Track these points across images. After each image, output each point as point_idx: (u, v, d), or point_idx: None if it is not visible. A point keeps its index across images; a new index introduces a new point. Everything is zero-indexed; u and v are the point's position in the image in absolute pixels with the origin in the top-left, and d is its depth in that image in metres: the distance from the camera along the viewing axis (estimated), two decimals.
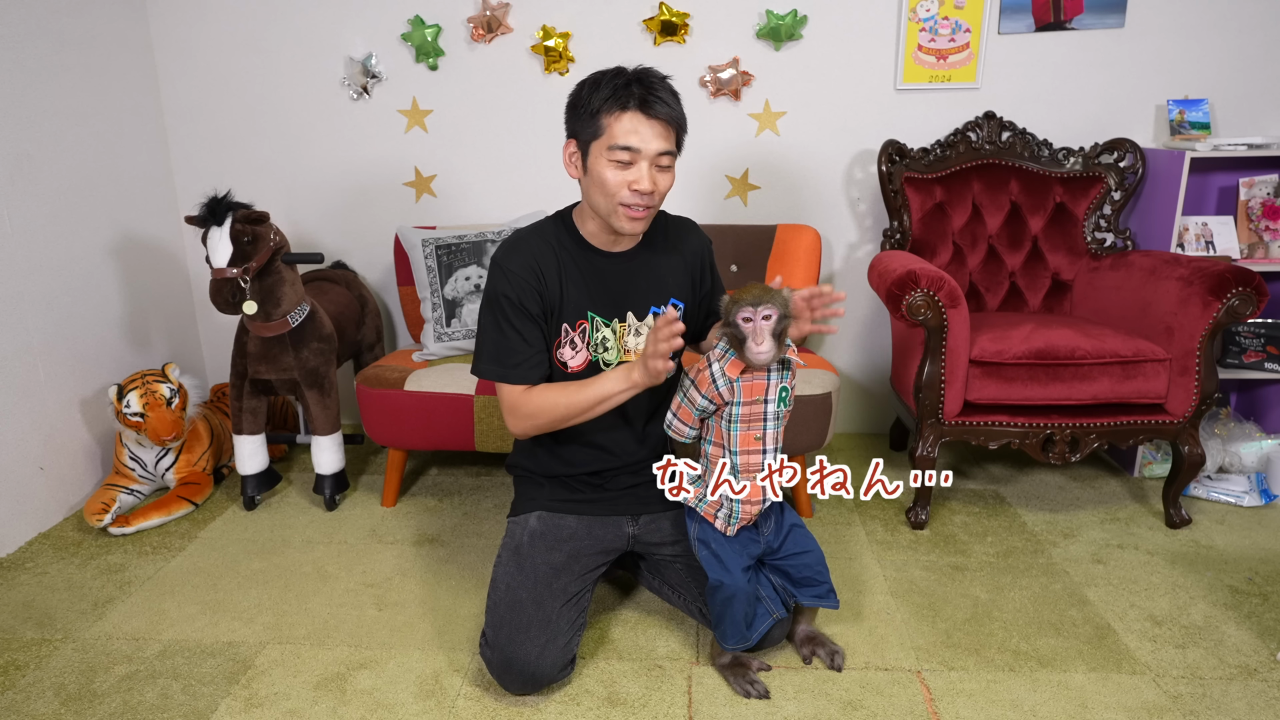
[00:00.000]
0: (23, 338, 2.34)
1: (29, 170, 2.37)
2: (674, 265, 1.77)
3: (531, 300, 1.65)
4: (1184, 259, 2.30)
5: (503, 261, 1.65)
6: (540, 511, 1.79)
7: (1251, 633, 1.84)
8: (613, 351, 1.72)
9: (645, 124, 1.53)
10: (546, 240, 1.69)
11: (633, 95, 1.52)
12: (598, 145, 1.56)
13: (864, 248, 2.92)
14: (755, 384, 1.55)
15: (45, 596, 2.07)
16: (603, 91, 1.54)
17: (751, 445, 1.58)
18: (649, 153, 1.54)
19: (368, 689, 1.71)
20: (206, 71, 2.89)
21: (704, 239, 1.83)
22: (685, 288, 1.78)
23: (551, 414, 1.66)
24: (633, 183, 1.55)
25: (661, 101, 1.54)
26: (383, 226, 2.99)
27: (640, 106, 1.53)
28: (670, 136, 1.57)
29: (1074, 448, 2.26)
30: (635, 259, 1.73)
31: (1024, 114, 2.73)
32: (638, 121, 1.53)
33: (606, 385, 1.63)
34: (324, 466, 2.47)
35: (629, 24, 2.77)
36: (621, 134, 1.53)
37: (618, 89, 1.53)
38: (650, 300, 1.73)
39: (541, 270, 1.66)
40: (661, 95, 1.54)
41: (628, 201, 1.57)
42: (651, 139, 1.54)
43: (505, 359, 1.66)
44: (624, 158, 1.54)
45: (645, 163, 1.55)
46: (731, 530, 1.64)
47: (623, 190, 1.56)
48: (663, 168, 1.58)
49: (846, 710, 1.62)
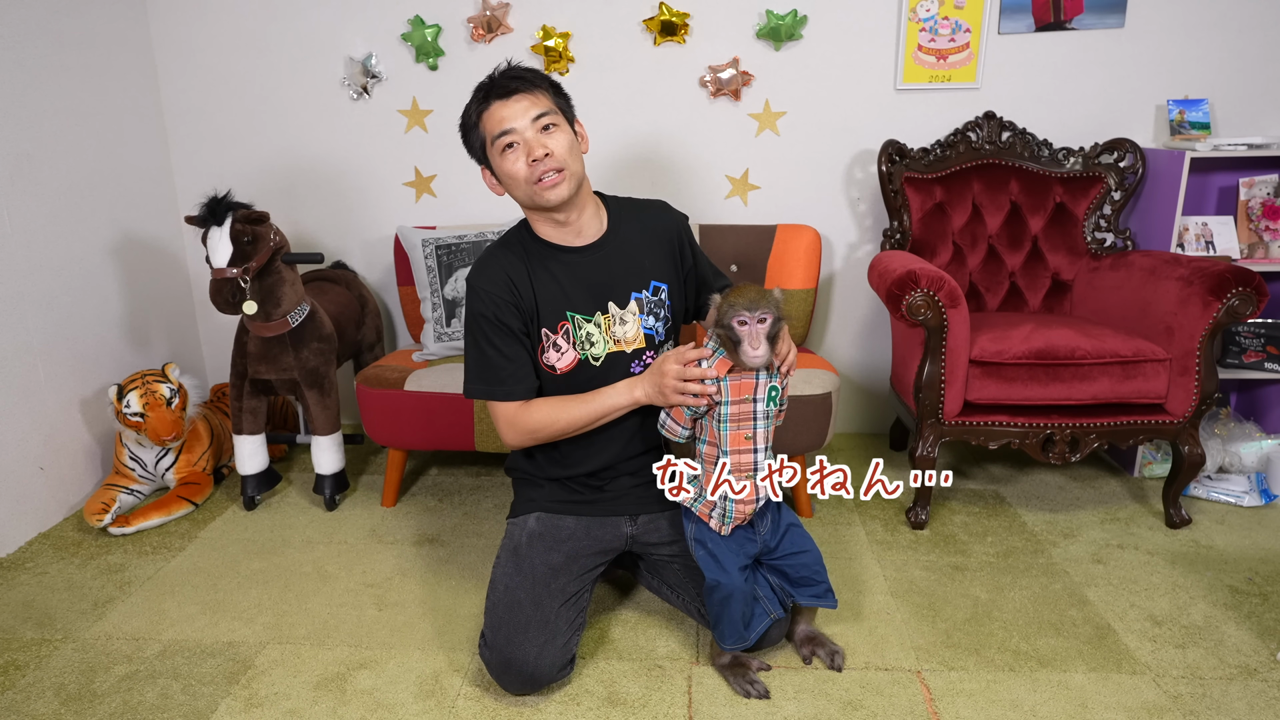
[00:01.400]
0: (23, 338, 2.34)
1: (29, 170, 2.37)
2: (650, 247, 1.76)
3: (509, 314, 1.66)
4: (1184, 259, 2.30)
5: (474, 281, 1.68)
6: (539, 513, 1.79)
7: (1251, 633, 1.84)
8: (599, 345, 1.72)
9: (506, 106, 1.60)
10: (513, 251, 1.70)
11: (488, 92, 1.62)
12: (490, 151, 1.64)
13: (864, 248, 2.92)
14: (743, 383, 1.56)
15: (45, 596, 2.07)
16: (469, 108, 1.65)
17: (742, 444, 1.59)
18: (525, 124, 1.59)
19: (368, 689, 1.71)
20: (206, 71, 2.89)
21: (676, 216, 1.83)
22: (665, 268, 1.77)
23: (552, 429, 1.69)
24: (528, 156, 1.60)
25: (511, 78, 1.61)
26: (383, 226, 2.99)
27: (497, 95, 1.60)
28: (540, 100, 1.61)
29: (1074, 448, 2.26)
30: (604, 248, 1.73)
31: (1024, 114, 2.73)
32: (500, 108, 1.60)
33: (608, 401, 1.66)
34: (324, 466, 2.48)
35: (629, 24, 2.77)
36: (494, 125, 1.61)
37: (476, 96, 1.64)
38: (630, 286, 1.73)
39: (513, 281, 1.67)
40: (511, 74, 1.62)
41: (534, 177, 1.61)
42: (520, 113, 1.59)
43: (490, 377, 1.68)
44: (508, 141, 1.60)
45: (529, 133, 1.59)
46: (726, 530, 1.64)
47: (525, 169, 1.61)
48: (548, 130, 1.61)
49: (846, 710, 1.62)
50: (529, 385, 1.70)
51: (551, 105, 1.63)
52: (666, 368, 1.58)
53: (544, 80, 1.65)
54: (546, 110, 1.61)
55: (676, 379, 1.56)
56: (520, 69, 1.63)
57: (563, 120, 1.64)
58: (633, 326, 1.73)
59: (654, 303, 1.74)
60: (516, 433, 1.71)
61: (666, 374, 1.58)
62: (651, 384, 1.63)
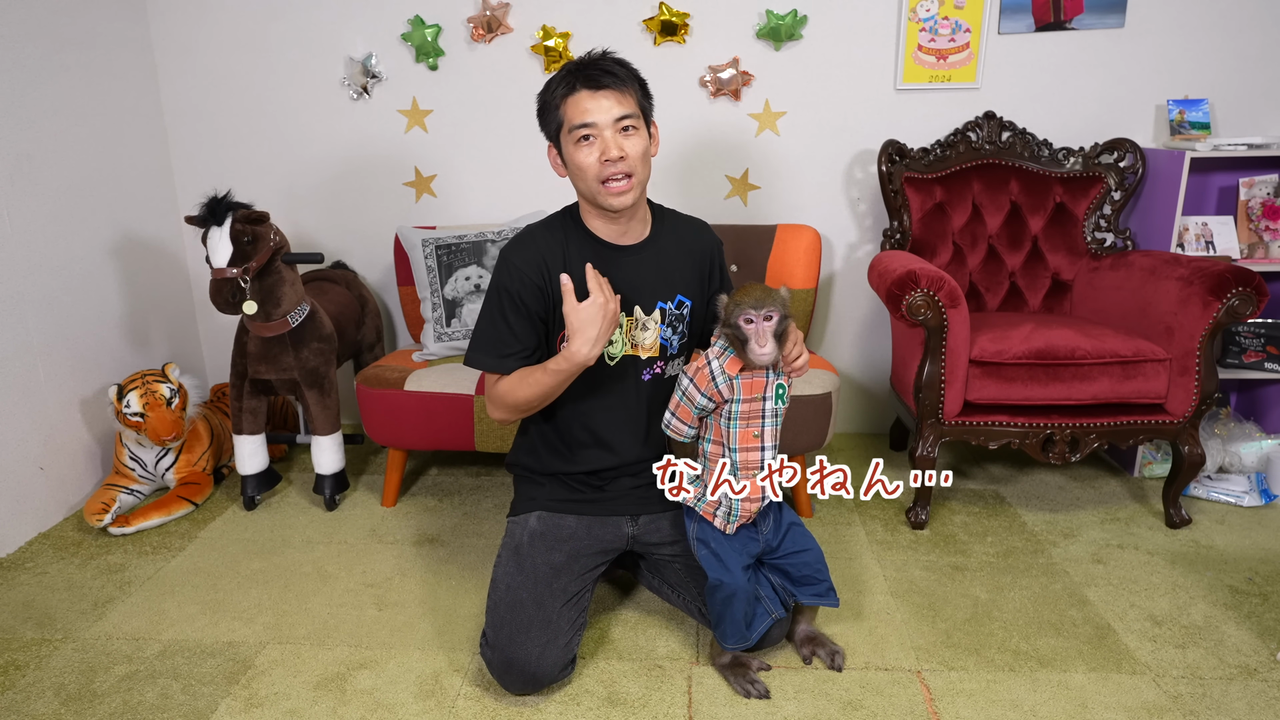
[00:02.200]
0: (23, 338, 2.34)
1: (29, 170, 2.37)
2: (683, 262, 1.77)
3: (532, 296, 1.66)
4: (1184, 259, 2.30)
5: (509, 254, 1.68)
6: (540, 511, 1.79)
7: (1251, 633, 1.84)
8: (618, 345, 1.73)
9: (593, 99, 1.58)
10: (555, 234, 1.70)
11: (577, 78, 1.59)
12: (564, 135, 1.63)
13: (864, 248, 2.92)
14: (755, 381, 1.57)
15: (45, 596, 2.07)
16: (554, 86, 1.63)
17: (750, 442, 1.59)
18: (606, 122, 1.58)
19: (368, 689, 1.71)
20: (206, 71, 2.89)
21: (715, 239, 1.84)
22: (694, 286, 1.78)
23: (518, 393, 1.67)
24: (602, 154, 1.59)
25: (605, 73, 1.59)
26: (383, 226, 2.99)
27: (585, 84, 1.59)
28: (626, 100, 1.60)
29: (1074, 448, 2.26)
30: (643, 252, 1.73)
31: (1024, 114, 2.73)
32: (586, 99, 1.58)
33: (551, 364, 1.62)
34: (324, 466, 2.47)
35: (629, 24, 2.77)
36: (576, 114, 1.59)
37: (564, 78, 1.61)
38: (658, 294, 1.73)
39: (547, 265, 1.67)
40: (604, 67, 1.60)
41: (605, 175, 1.60)
42: (605, 109, 1.58)
43: (493, 349, 1.69)
44: (586, 133, 1.59)
45: (608, 131, 1.59)
46: (731, 529, 1.64)
47: (596, 165, 1.60)
48: (627, 132, 1.60)
49: (846, 710, 1.62)
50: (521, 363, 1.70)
51: (636, 107, 1.62)
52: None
53: (634, 78, 1.63)
54: (631, 113, 1.60)
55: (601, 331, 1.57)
56: (614, 62, 1.61)
57: (643, 124, 1.64)
58: (652, 334, 1.74)
59: (675, 316, 1.76)
60: (493, 404, 1.73)
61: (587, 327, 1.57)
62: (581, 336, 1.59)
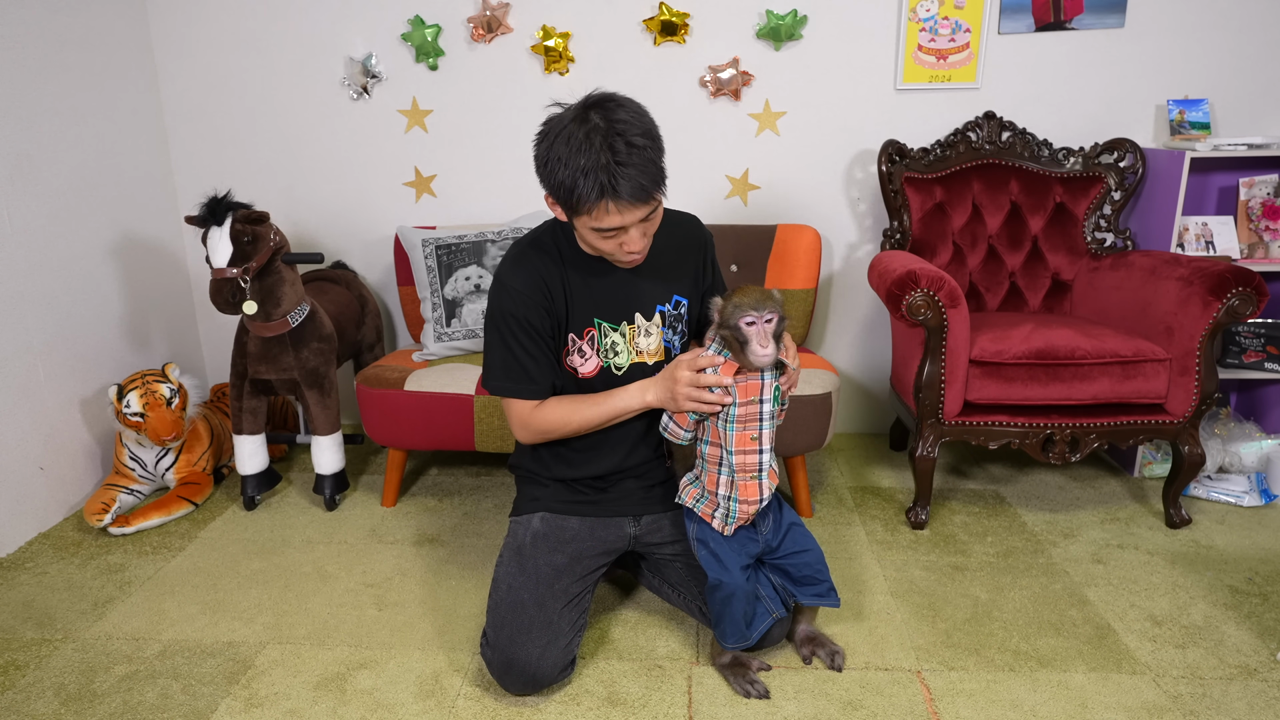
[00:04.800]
0: (23, 338, 2.34)
1: (29, 170, 2.37)
2: (676, 261, 1.77)
3: (538, 317, 1.65)
4: (1184, 259, 2.30)
5: (507, 279, 1.65)
6: (543, 513, 1.79)
7: (1251, 633, 1.84)
8: (623, 355, 1.73)
9: (627, 213, 1.48)
10: (547, 252, 1.68)
11: (607, 186, 1.43)
12: (580, 220, 1.51)
13: (864, 248, 2.92)
14: (750, 384, 1.56)
15: (45, 596, 2.07)
16: (576, 174, 1.44)
17: (748, 445, 1.59)
18: (633, 222, 1.50)
19: (368, 689, 1.71)
20: (206, 71, 2.89)
21: (706, 234, 1.83)
22: (688, 284, 1.78)
23: (564, 429, 1.69)
24: (623, 244, 1.54)
25: (637, 180, 1.44)
26: (383, 226, 2.99)
27: (614, 196, 1.44)
28: (653, 198, 1.49)
29: (1074, 448, 2.26)
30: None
31: (1024, 114, 2.73)
32: (618, 213, 1.47)
33: (620, 403, 1.66)
34: (324, 466, 2.47)
35: (629, 24, 2.77)
36: (604, 220, 1.48)
37: (590, 174, 1.43)
38: (656, 298, 1.73)
39: (547, 285, 1.65)
40: (636, 166, 1.43)
41: (620, 257, 1.58)
42: (634, 216, 1.49)
43: (514, 375, 1.67)
44: (611, 234, 1.51)
45: (634, 230, 1.52)
46: (729, 530, 1.64)
47: (614, 249, 1.56)
48: (648, 219, 1.54)
49: (846, 710, 1.62)
50: (547, 386, 1.70)
51: (659, 199, 1.52)
52: (679, 374, 1.58)
53: (658, 173, 1.48)
54: (655, 208, 1.53)
55: (689, 385, 1.57)
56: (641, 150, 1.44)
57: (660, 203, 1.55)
58: (655, 339, 1.74)
59: (674, 316, 1.76)
60: (529, 432, 1.71)
61: (679, 380, 1.58)
62: (664, 389, 1.63)
